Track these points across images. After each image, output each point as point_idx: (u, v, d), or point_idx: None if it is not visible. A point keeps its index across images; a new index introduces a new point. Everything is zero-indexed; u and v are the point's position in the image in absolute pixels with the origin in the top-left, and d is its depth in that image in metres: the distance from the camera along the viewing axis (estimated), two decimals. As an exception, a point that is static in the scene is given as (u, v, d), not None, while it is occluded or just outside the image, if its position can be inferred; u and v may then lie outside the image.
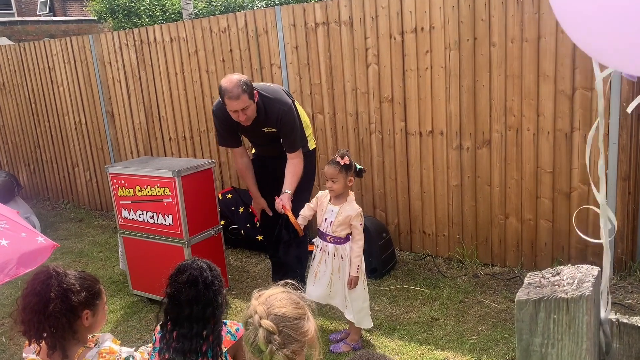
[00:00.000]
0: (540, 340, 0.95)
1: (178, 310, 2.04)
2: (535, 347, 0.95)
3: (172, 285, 2.08)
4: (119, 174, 4.05)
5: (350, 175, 3.29)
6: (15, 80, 7.25)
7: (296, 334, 1.53)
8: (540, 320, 0.94)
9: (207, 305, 2.04)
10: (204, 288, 2.04)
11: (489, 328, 3.57)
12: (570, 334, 0.92)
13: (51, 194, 7.52)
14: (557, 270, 1.01)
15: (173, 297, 2.07)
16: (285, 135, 3.74)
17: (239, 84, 3.46)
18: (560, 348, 0.94)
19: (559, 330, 0.93)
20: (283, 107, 3.69)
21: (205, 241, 4.04)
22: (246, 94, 3.47)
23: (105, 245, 5.74)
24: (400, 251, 4.84)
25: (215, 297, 2.06)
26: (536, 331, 0.94)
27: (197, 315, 2.03)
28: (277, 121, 3.68)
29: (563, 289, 0.94)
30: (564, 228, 4.06)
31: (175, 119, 5.93)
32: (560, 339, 0.93)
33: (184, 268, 2.08)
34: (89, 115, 6.66)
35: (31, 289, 1.95)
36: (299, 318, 1.55)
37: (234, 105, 3.50)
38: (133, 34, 5.97)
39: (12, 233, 1.91)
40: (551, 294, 0.93)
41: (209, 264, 2.14)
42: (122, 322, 4.02)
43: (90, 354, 2.05)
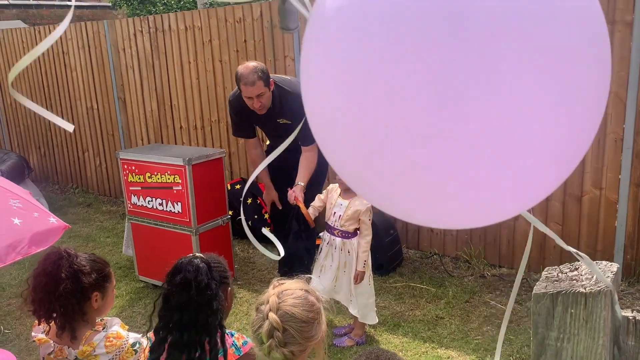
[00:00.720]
0: (555, 334, 0.94)
1: (170, 314, 1.85)
2: (551, 340, 0.94)
3: (167, 284, 1.89)
4: (130, 159, 4.06)
5: None
6: (29, 63, 7.26)
7: (300, 337, 1.49)
8: (557, 314, 0.93)
9: (200, 311, 1.83)
10: (197, 293, 1.83)
11: (494, 329, 3.55)
12: (587, 329, 0.91)
13: (60, 177, 7.56)
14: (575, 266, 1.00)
15: (166, 298, 1.88)
16: (300, 128, 3.72)
17: (255, 70, 3.47)
18: (576, 343, 0.93)
19: (575, 325, 0.92)
20: (299, 100, 3.66)
21: (213, 230, 4.05)
22: (262, 80, 3.48)
23: (112, 231, 5.77)
24: (407, 248, 4.83)
25: (209, 302, 1.83)
26: (552, 325, 0.93)
27: (187, 321, 1.82)
28: (292, 113, 3.68)
29: (581, 284, 0.93)
30: (574, 232, 4.04)
31: (187, 108, 5.94)
32: (576, 334, 0.92)
33: (179, 268, 1.88)
34: (101, 101, 6.67)
35: (42, 269, 1.95)
36: (308, 322, 1.51)
37: (249, 91, 3.50)
38: (148, 21, 5.97)
39: (25, 212, 1.92)
40: (569, 288, 0.92)
41: (210, 261, 1.92)
42: (128, 307, 4.04)
43: (97, 337, 2.05)
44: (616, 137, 3.75)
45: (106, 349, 2.03)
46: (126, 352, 2.07)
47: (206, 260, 1.91)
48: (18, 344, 3.63)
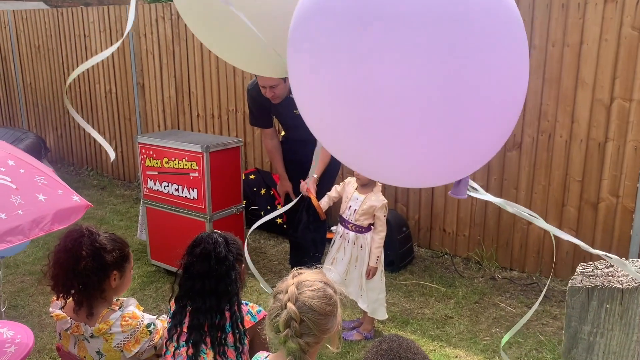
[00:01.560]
0: (589, 329, 0.94)
1: (191, 283, 2.02)
2: (584, 335, 0.94)
3: (187, 256, 2.06)
4: (148, 144, 4.09)
5: None
6: (51, 44, 7.33)
7: (316, 329, 1.51)
8: (591, 308, 0.93)
9: (219, 279, 2.01)
10: (216, 263, 2.00)
11: (503, 331, 3.55)
12: (621, 325, 0.91)
13: (76, 159, 7.62)
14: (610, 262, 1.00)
15: (186, 269, 2.05)
16: None
17: None
18: (610, 338, 0.93)
19: (610, 320, 0.92)
20: None
21: (227, 218, 4.07)
22: None
23: (125, 215, 5.81)
24: (418, 247, 4.82)
25: (228, 272, 2.01)
26: (586, 319, 0.94)
27: (209, 289, 2.00)
28: None
29: (618, 280, 0.93)
30: (588, 238, 4.01)
31: (205, 96, 5.96)
32: (610, 329, 0.93)
33: (199, 241, 2.06)
34: (120, 85, 6.72)
35: (63, 246, 1.98)
36: (325, 315, 1.53)
37: (263, 81, 3.55)
38: (170, 7, 5.99)
39: (50, 189, 1.94)
40: (606, 284, 0.92)
41: (227, 237, 2.09)
42: (139, 290, 4.08)
43: (114, 316, 2.08)
44: (636, 146, 3.72)
45: (122, 327, 2.06)
46: (141, 332, 2.10)
47: (224, 236, 2.09)
48: (31, 320, 3.68)
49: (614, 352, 0.93)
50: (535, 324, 3.61)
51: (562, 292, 4.01)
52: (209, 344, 1.99)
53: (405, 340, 1.37)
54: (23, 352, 2.31)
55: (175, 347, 2.04)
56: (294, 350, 1.49)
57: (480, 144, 1.13)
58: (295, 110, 3.75)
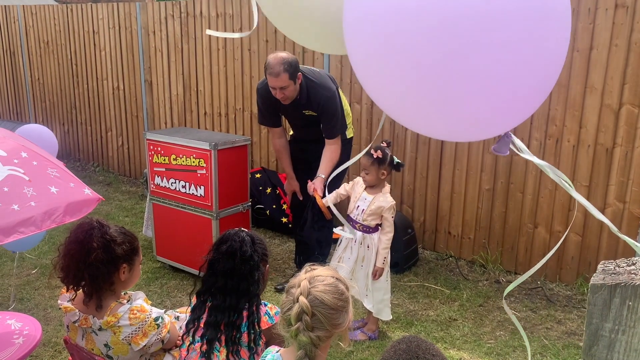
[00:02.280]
0: (610, 326, 0.94)
1: (214, 279, 2.03)
2: (605, 332, 0.95)
3: (213, 252, 2.07)
4: (157, 141, 4.10)
5: (383, 168, 3.27)
6: (59, 40, 7.36)
7: (328, 323, 1.53)
8: (613, 305, 0.94)
9: (241, 279, 2.01)
10: (241, 262, 2.01)
11: (507, 334, 3.55)
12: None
13: (82, 155, 7.65)
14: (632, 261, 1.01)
15: (211, 265, 2.06)
16: (325, 121, 3.75)
17: (283, 62, 3.48)
18: (631, 335, 0.93)
19: (632, 318, 0.93)
20: (326, 93, 3.70)
21: (234, 216, 4.08)
22: (287, 73, 3.50)
23: (131, 211, 5.83)
24: (423, 249, 4.83)
25: (252, 272, 2.02)
26: (608, 316, 0.94)
27: (231, 287, 2.01)
28: (319, 106, 3.70)
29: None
30: (594, 244, 4.01)
31: (212, 94, 5.98)
32: (632, 326, 0.93)
33: (226, 238, 2.06)
34: (128, 82, 6.74)
35: (74, 238, 1.99)
36: (337, 309, 1.54)
37: (272, 81, 3.55)
38: (180, 5, 6.02)
39: (62, 182, 1.95)
40: (629, 281, 0.93)
41: (254, 237, 2.10)
42: (144, 286, 4.09)
43: (122, 309, 2.09)
44: None
45: (130, 321, 2.08)
46: (149, 326, 2.11)
47: (251, 235, 2.10)
48: (36, 313, 3.70)
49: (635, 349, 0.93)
50: (540, 328, 3.61)
51: (567, 297, 4.01)
52: (223, 341, 1.99)
53: (424, 342, 1.37)
54: (31, 344, 2.32)
55: (190, 342, 2.06)
56: (305, 344, 1.50)
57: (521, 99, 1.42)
58: (304, 110, 3.77)
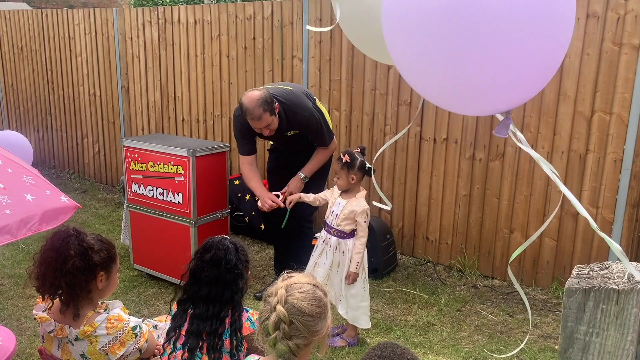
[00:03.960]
0: (585, 329, 0.97)
1: (197, 288, 2.02)
2: (580, 335, 0.97)
3: (196, 261, 2.05)
4: (134, 147, 4.07)
5: (353, 173, 3.29)
6: (34, 45, 7.25)
7: (306, 331, 1.52)
8: (588, 309, 0.96)
9: (226, 287, 2.00)
10: (226, 270, 2.00)
11: (485, 338, 3.59)
12: (616, 325, 0.94)
13: (58, 162, 7.53)
14: (605, 265, 1.03)
15: (194, 273, 2.04)
16: (312, 135, 3.79)
17: (259, 103, 3.45)
18: (605, 337, 0.96)
19: (605, 321, 0.95)
20: (304, 114, 3.69)
21: (212, 223, 4.06)
22: (267, 112, 3.48)
23: (107, 219, 5.76)
24: (401, 254, 4.86)
25: (236, 280, 2.02)
26: (582, 319, 0.97)
27: (214, 296, 2.00)
28: (300, 126, 3.72)
29: (614, 281, 0.96)
30: (568, 248, 4.09)
31: (190, 101, 5.95)
32: (606, 329, 0.96)
33: (210, 246, 2.05)
34: (104, 88, 6.67)
35: (51, 246, 1.96)
36: (314, 317, 1.54)
37: (256, 125, 3.54)
38: (157, 12, 5.99)
39: (38, 189, 1.93)
40: (602, 285, 0.95)
41: (237, 245, 2.09)
42: (121, 294, 4.04)
43: (99, 318, 2.06)
44: (616, 158, 3.81)
45: (107, 330, 2.05)
46: (126, 335, 2.08)
47: (234, 242, 2.10)
48: (10, 324, 3.62)
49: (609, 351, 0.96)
50: (516, 332, 3.66)
51: (543, 300, 4.07)
52: (205, 349, 1.98)
53: (398, 347, 1.39)
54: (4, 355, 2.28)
55: (171, 350, 2.04)
56: (283, 353, 1.49)
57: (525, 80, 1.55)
58: (287, 132, 3.75)
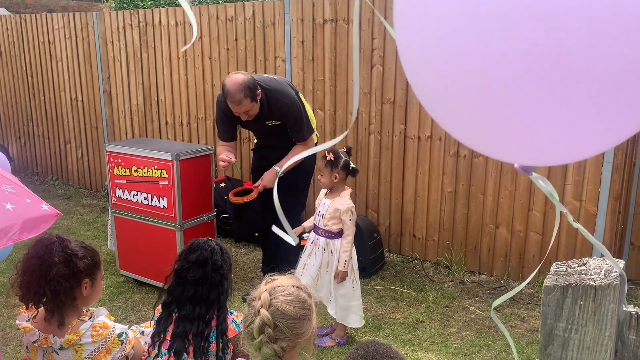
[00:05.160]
0: (564, 325, 0.98)
1: (182, 289, 2.01)
2: (559, 331, 0.98)
3: (181, 261, 2.04)
4: (117, 152, 4.03)
5: (336, 172, 3.30)
6: (13, 51, 7.16)
7: (291, 334, 1.51)
8: (566, 305, 0.97)
9: (212, 288, 2.00)
10: (212, 270, 2.00)
11: (473, 334, 3.61)
12: (594, 321, 0.95)
13: (41, 169, 7.45)
14: (583, 261, 1.05)
15: (179, 274, 2.03)
16: (291, 127, 3.76)
17: (241, 88, 3.45)
18: (584, 333, 0.97)
19: (583, 317, 0.96)
20: (286, 101, 3.70)
21: (198, 227, 4.04)
22: (248, 98, 3.48)
23: (93, 224, 5.71)
24: (389, 252, 4.87)
25: (221, 281, 2.02)
26: (561, 316, 0.98)
27: (201, 296, 1.99)
28: (281, 114, 3.70)
29: (591, 278, 0.98)
30: (553, 242, 4.12)
31: (173, 104, 5.91)
32: (584, 325, 0.97)
33: (196, 247, 2.05)
34: (86, 93, 6.60)
35: (34, 253, 1.93)
36: (299, 319, 1.53)
37: (235, 109, 3.54)
38: (138, 14, 5.94)
39: (18, 198, 1.90)
40: (579, 282, 0.96)
41: (222, 246, 2.10)
42: (108, 301, 4.01)
43: (84, 326, 2.04)
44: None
45: (92, 338, 2.03)
46: (112, 342, 2.06)
47: (219, 244, 2.10)
48: (-6, 334, 3.58)
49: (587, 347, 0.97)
50: (504, 327, 3.68)
51: (530, 294, 4.11)
52: (191, 352, 1.97)
53: (381, 345, 1.39)
54: (-12, 366, 2.24)
55: (156, 354, 2.02)
56: (269, 356, 1.49)
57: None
58: (267, 122, 3.75)
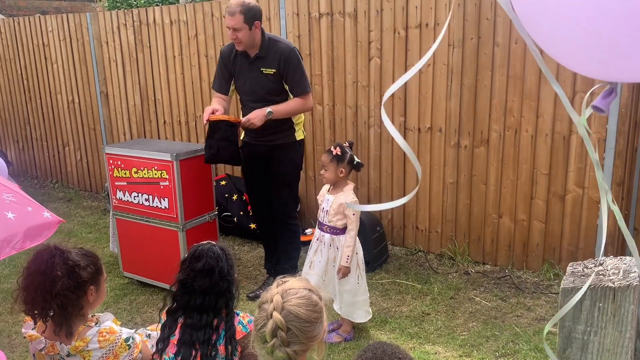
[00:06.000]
0: (583, 328, 0.96)
1: (189, 297, 1.96)
2: (578, 334, 0.96)
3: (186, 271, 1.98)
4: (116, 154, 4.01)
5: (342, 166, 3.29)
6: (8, 55, 7.12)
7: (303, 337, 1.50)
8: (584, 308, 0.95)
9: (220, 295, 1.95)
10: (220, 279, 1.95)
11: (480, 325, 3.60)
12: (614, 323, 0.93)
13: (40, 172, 7.43)
14: (599, 261, 1.03)
15: (185, 283, 1.97)
16: (291, 76, 3.69)
17: (242, 4, 3.53)
18: (603, 336, 0.95)
19: (603, 319, 0.94)
20: (287, 46, 3.73)
21: (200, 226, 4.02)
22: (242, 15, 3.53)
23: (94, 227, 5.69)
24: (392, 245, 4.86)
25: (229, 287, 1.97)
26: (580, 318, 0.96)
27: (208, 305, 1.95)
28: (281, 59, 3.66)
29: (609, 279, 0.96)
30: (557, 230, 4.11)
31: (171, 103, 5.88)
32: (603, 327, 0.95)
33: (200, 254, 1.98)
34: (83, 95, 6.57)
35: (35, 269, 1.90)
36: (311, 322, 1.51)
37: (228, 20, 3.57)
38: (132, 14, 5.90)
39: (19, 206, 1.89)
40: (598, 283, 0.94)
41: (225, 250, 2.04)
42: (113, 303, 4.00)
43: (90, 332, 2.03)
44: (599, 137, 3.83)
45: (99, 344, 2.02)
46: (119, 347, 2.05)
47: (222, 248, 2.04)
48: (0, 341, 3.57)
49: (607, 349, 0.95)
50: (511, 317, 3.68)
51: (535, 283, 4.10)
52: (198, 359, 1.95)
53: (389, 346, 1.37)
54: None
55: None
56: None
57: None
58: (263, 68, 3.66)
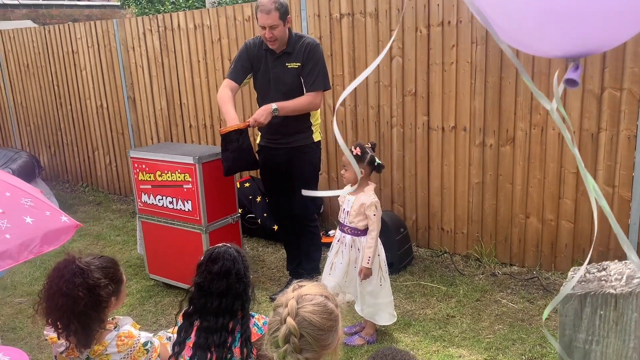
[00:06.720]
0: (584, 337, 0.91)
1: (205, 300, 1.96)
2: (579, 343, 0.91)
3: (203, 274, 1.98)
4: (141, 158, 4.07)
5: (362, 167, 3.26)
6: (39, 62, 7.31)
7: (316, 345, 1.47)
8: (585, 315, 0.91)
9: (237, 297, 1.95)
10: (236, 281, 1.95)
11: (506, 327, 3.53)
12: (617, 331, 0.88)
13: (71, 176, 7.60)
14: (603, 266, 0.97)
15: (202, 286, 1.97)
16: (312, 70, 3.69)
17: (275, 1, 3.54)
18: (606, 345, 0.90)
19: (604, 327, 0.90)
20: (313, 41, 3.75)
21: (223, 228, 4.04)
22: (278, 12, 3.54)
23: (122, 229, 5.78)
24: (417, 247, 4.80)
25: (245, 289, 1.97)
26: (580, 327, 0.91)
27: (225, 307, 1.95)
28: (304, 52, 3.68)
29: (611, 285, 0.91)
30: (586, 230, 4.00)
31: (196, 107, 5.94)
32: (605, 336, 0.90)
33: (216, 257, 1.98)
34: (111, 100, 6.69)
35: (57, 289, 1.89)
36: (326, 330, 1.49)
37: (263, 19, 3.54)
38: (157, 19, 5.98)
39: (37, 211, 1.92)
40: (598, 289, 0.90)
41: (240, 252, 2.04)
42: (138, 305, 4.05)
43: (109, 336, 2.05)
44: (629, 134, 3.71)
45: (118, 348, 2.03)
46: (138, 352, 2.07)
47: (237, 250, 2.04)
48: (30, 342, 3.65)
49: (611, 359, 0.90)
50: (538, 319, 3.59)
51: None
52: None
53: (399, 352, 1.34)
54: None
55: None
56: None
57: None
58: (288, 62, 3.66)
